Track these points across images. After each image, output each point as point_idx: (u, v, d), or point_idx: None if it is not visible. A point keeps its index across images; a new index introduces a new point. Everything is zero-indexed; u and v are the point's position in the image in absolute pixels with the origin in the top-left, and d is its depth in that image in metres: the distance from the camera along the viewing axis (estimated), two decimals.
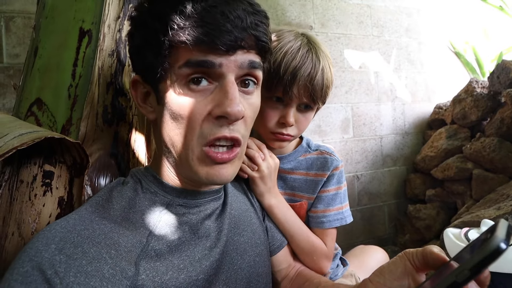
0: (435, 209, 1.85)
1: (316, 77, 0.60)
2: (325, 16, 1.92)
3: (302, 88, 0.60)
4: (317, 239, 0.66)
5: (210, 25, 0.40)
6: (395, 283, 0.37)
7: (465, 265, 0.27)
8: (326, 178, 0.67)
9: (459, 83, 2.13)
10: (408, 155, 2.13)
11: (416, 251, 0.37)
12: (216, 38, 0.40)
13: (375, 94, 2.04)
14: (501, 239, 0.25)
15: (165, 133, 0.46)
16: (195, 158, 0.44)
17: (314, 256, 0.65)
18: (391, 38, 2.11)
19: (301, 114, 0.64)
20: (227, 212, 0.54)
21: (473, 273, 0.26)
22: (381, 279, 0.38)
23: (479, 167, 1.67)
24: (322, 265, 0.66)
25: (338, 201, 0.68)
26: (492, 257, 0.25)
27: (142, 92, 0.48)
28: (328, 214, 0.66)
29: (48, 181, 0.52)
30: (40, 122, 0.55)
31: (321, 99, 0.63)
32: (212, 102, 0.43)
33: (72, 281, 0.34)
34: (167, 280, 0.41)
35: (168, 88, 0.43)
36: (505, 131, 1.58)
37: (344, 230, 1.91)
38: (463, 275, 0.27)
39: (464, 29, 2.33)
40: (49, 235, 0.37)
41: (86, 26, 0.58)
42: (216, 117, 0.43)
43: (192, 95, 0.42)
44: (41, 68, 0.57)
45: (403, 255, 0.38)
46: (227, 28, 0.40)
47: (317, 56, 0.61)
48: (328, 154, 0.69)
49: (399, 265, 0.37)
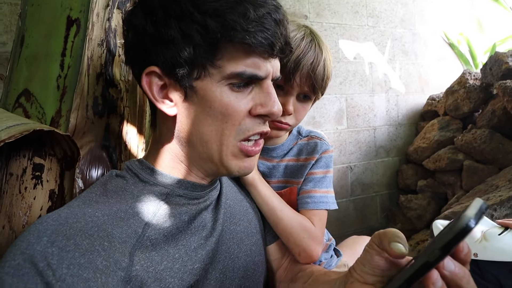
0: (426, 200, 1.88)
1: (318, 67, 0.61)
2: (320, 5, 1.89)
3: (305, 77, 0.60)
4: (305, 218, 0.64)
5: (269, 31, 0.42)
6: (376, 271, 0.37)
7: (436, 245, 0.28)
8: (315, 161, 0.68)
9: (452, 75, 2.15)
10: (401, 146, 2.15)
11: (376, 234, 0.37)
12: (273, 45, 0.43)
13: (369, 85, 2.04)
14: (469, 217, 0.26)
15: (193, 129, 0.46)
16: (229, 153, 0.46)
17: (304, 234, 0.62)
18: (386, 28, 2.10)
19: (300, 104, 0.64)
20: (222, 202, 0.54)
21: (444, 252, 0.27)
22: (362, 268, 0.38)
23: (470, 158, 1.69)
24: (312, 248, 0.62)
25: (325, 185, 0.67)
26: (461, 235, 0.26)
27: (158, 85, 0.45)
28: (313, 195, 0.66)
29: (38, 174, 0.51)
30: (29, 114, 0.54)
31: (321, 89, 0.64)
32: (252, 101, 0.46)
33: (65, 273, 0.34)
34: (161, 270, 0.41)
35: (208, 85, 0.43)
36: (496, 123, 1.61)
37: (337, 220, 1.94)
38: (434, 254, 0.27)
39: (459, 20, 2.33)
40: (41, 228, 0.37)
41: (74, 14, 0.56)
42: (256, 115, 0.46)
43: (234, 95, 0.44)
44: (28, 58, 0.56)
45: (370, 242, 0.38)
46: (278, 35, 0.43)
47: (319, 46, 0.62)
48: (318, 138, 0.70)
49: (371, 253, 0.37)
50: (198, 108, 0.44)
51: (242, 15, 0.40)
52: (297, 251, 0.63)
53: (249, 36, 0.41)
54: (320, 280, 0.54)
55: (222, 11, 0.40)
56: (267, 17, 0.42)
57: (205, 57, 0.42)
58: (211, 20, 0.40)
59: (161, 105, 0.45)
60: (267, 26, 0.42)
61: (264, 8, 0.42)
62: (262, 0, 0.42)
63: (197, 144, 0.46)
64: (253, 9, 0.41)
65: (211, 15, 0.40)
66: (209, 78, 0.43)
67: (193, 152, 0.47)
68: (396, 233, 0.36)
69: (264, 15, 0.42)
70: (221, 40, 0.41)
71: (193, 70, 0.42)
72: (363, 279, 0.38)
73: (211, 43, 0.41)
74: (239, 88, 0.44)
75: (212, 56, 0.42)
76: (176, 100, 0.45)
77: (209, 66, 0.42)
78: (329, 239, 0.80)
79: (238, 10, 0.40)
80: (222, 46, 0.41)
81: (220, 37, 0.40)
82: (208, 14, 0.40)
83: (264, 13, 0.42)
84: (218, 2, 0.40)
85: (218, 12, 0.40)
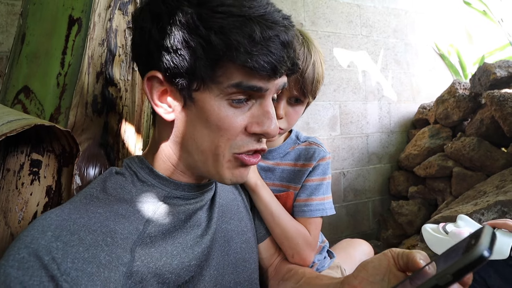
0: (416, 205, 1.91)
1: (307, 71, 0.61)
2: (315, 14, 1.94)
3: (293, 81, 0.60)
4: (301, 225, 0.66)
5: (274, 55, 0.41)
6: (377, 278, 0.38)
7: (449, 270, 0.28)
8: (312, 168, 0.68)
9: (442, 84, 2.20)
10: (393, 153, 2.19)
11: (403, 252, 0.38)
12: (276, 69, 0.41)
13: (362, 93, 2.08)
14: (485, 247, 0.26)
15: (189, 136, 0.46)
16: (225, 162, 0.46)
17: (299, 240, 0.63)
18: (379, 38, 2.15)
19: (291, 108, 0.64)
20: (216, 202, 0.55)
21: (455, 278, 0.27)
22: (365, 273, 0.39)
23: (459, 165, 1.73)
24: (306, 254, 0.64)
25: (321, 192, 0.68)
26: (476, 263, 0.26)
27: (159, 90, 0.45)
28: (310, 203, 0.67)
29: (36, 170, 0.52)
30: (28, 110, 0.54)
31: (311, 93, 0.64)
32: (250, 118, 0.45)
33: (69, 267, 0.34)
34: (161, 266, 0.42)
35: (206, 98, 0.43)
36: (484, 131, 1.65)
37: (330, 225, 1.95)
38: (445, 279, 0.27)
39: (449, 32, 2.41)
40: (45, 223, 0.37)
41: (76, 14, 0.57)
42: (252, 133, 0.45)
43: (232, 110, 0.43)
44: (28, 55, 0.56)
45: (388, 253, 0.39)
46: (284, 58, 0.42)
47: (308, 50, 0.62)
48: (316, 145, 0.70)
49: (383, 262, 0.39)
50: (195, 118, 0.44)
51: (248, 36, 0.39)
52: (291, 253, 0.64)
53: (251, 60, 0.39)
54: (312, 283, 0.55)
55: (228, 29, 0.39)
56: (274, 40, 0.40)
57: (205, 71, 0.41)
58: (216, 37, 0.39)
59: (159, 109, 0.45)
60: (273, 49, 0.40)
61: (273, 30, 0.40)
62: (272, 21, 0.40)
63: (193, 151, 0.46)
64: (260, 30, 0.39)
65: (216, 32, 0.39)
66: (208, 92, 0.42)
67: (189, 158, 0.47)
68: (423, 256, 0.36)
69: (271, 38, 0.40)
70: (223, 58, 0.40)
71: (193, 81, 0.42)
72: (361, 286, 0.39)
73: (213, 58, 0.40)
74: (238, 104, 0.43)
75: (212, 72, 0.41)
76: (174, 107, 0.45)
77: (208, 81, 0.42)
78: (323, 241, 0.81)
79: (244, 31, 0.39)
80: (224, 63, 0.41)
81: (222, 55, 0.40)
82: (213, 30, 0.39)
83: (272, 35, 0.40)
84: (225, 19, 0.39)
85: (223, 30, 0.39)
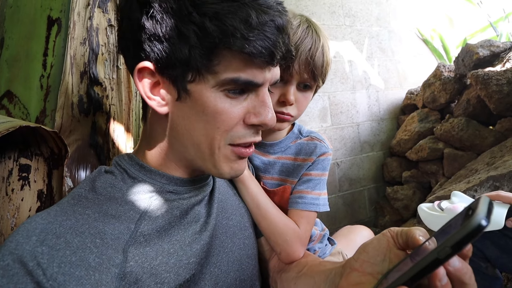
0: (411, 190, 1.94)
1: (317, 53, 0.59)
2: (298, 7, 1.94)
3: (303, 64, 0.59)
4: (290, 220, 0.63)
5: (270, 40, 0.40)
6: (378, 259, 0.37)
7: (447, 242, 0.27)
8: (312, 162, 0.67)
9: (428, 69, 2.23)
10: (384, 140, 2.21)
11: (401, 230, 0.38)
12: (273, 55, 0.41)
13: (350, 83, 2.10)
14: (482, 216, 0.25)
15: (184, 130, 0.44)
16: (221, 155, 0.45)
17: (287, 235, 0.60)
18: (362, 27, 2.17)
19: (300, 94, 0.63)
20: (215, 197, 0.54)
21: (455, 250, 0.27)
22: (365, 255, 0.39)
23: (449, 146, 1.76)
24: (294, 248, 0.60)
25: (318, 187, 0.67)
26: (474, 234, 0.26)
27: (150, 82, 0.43)
28: (305, 196, 0.65)
29: (25, 175, 0.50)
30: (12, 115, 0.53)
31: (321, 76, 0.62)
32: (247, 109, 0.44)
33: (56, 272, 0.33)
34: (156, 265, 0.41)
35: (202, 90, 0.41)
36: (471, 111, 1.68)
37: (328, 216, 1.96)
38: (444, 252, 0.27)
39: (430, 17, 2.44)
40: (29, 227, 0.36)
41: (55, 14, 0.56)
42: (250, 124, 0.44)
43: (229, 101, 0.42)
44: (9, 59, 0.55)
45: (387, 232, 0.39)
46: (280, 44, 0.41)
47: (317, 33, 0.61)
48: (319, 140, 0.69)
49: (383, 242, 0.38)
50: (190, 111, 0.43)
51: (244, 21, 0.38)
52: (278, 250, 0.61)
53: (249, 45, 0.38)
54: (315, 270, 0.54)
55: (223, 15, 0.37)
56: (270, 25, 0.39)
57: (201, 61, 0.39)
58: (210, 23, 0.38)
59: (152, 103, 0.43)
60: (269, 34, 0.39)
61: (268, 15, 0.39)
62: (266, 5, 0.40)
63: (188, 145, 0.45)
64: (255, 15, 0.38)
65: (210, 18, 0.38)
66: (204, 83, 0.41)
67: (184, 151, 0.47)
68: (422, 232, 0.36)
69: (267, 22, 0.39)
70: (219, 46, 0.38)
71: (187, 72, 0.40)
72: (362, 268, 0.38)
73: (208, 47, 0.39)
74: (234, 95, 0.42)
75: (208, 61, 0.40)
76: (168, 99, 0.43)
77: (204, 71, 0.40)
78: (323, 229, 0.80)
79: (240, 16, 0.38)
80: (220, 51, 0.39)
81: (218, 42, 0.38)
82: (207, 16, 0.38)
83: (267, 20, 0.39)
84: (219, 4, 0.38)
85: (218, 16, 0.38)
